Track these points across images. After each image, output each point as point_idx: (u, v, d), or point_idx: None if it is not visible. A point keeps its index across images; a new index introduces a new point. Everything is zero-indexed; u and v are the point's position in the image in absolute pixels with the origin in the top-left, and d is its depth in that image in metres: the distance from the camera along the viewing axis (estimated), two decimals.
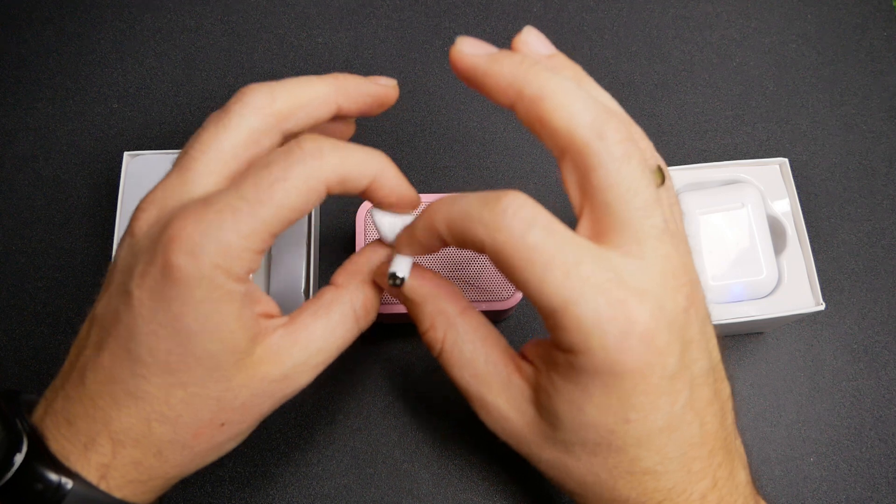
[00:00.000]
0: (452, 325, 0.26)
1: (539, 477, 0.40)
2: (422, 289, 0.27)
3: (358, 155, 0.25)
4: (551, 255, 0.21)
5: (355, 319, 0.27)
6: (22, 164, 0.46)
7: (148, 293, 0.23)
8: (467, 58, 0.25)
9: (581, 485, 0.25)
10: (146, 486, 0.25)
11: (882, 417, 0.42)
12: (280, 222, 0.23)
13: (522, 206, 0.22)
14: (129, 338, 0.23)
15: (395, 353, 0.42)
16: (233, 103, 0.25)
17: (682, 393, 0.23)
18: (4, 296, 0.43)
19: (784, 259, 0.39)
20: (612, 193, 0.23)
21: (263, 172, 0.23)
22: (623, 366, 0.22)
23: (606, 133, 0.22)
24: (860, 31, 0.52)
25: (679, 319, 0.23)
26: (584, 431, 0.24)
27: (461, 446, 0.40)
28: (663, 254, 0.23)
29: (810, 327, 0.44)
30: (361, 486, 0.39)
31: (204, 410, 0.24)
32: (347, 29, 0.51)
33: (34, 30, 0.50)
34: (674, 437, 0.24)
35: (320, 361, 0.26)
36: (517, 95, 0.23)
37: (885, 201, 0.47)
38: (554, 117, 0.23)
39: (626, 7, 0.52)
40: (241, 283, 0.23)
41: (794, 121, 0.49)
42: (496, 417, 0.26)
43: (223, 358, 0.24)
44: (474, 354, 0.26)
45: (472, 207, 0.23)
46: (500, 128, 0.48)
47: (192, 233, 0.22)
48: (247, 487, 0.39)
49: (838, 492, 0.40)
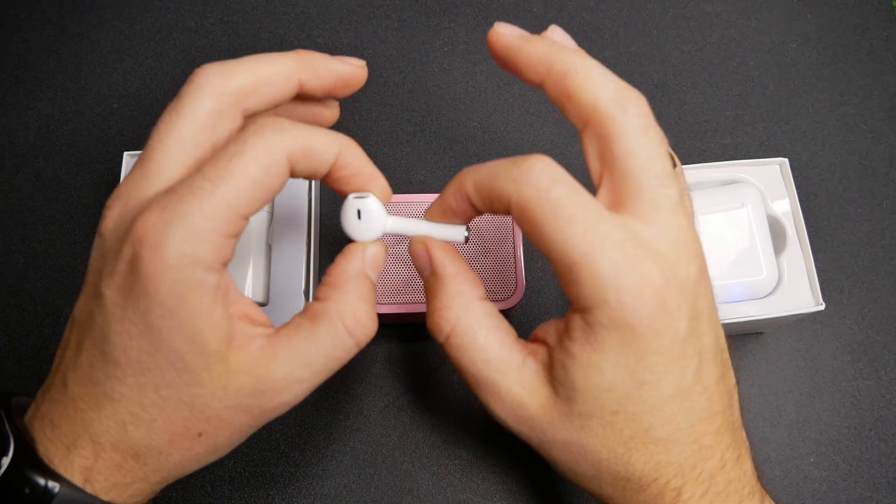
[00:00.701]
0: (469, 309, 0.26)
1: (539, 477, 0.40)
2: (451, 266, 0.27)
3: (319, 131, 0.24)
4: (573, 211, 0.23)
5: (347, 332, 0.25)
6: (22, 164, 0.46)
7: (117, 292, 0.23)
8: (503, 38, 0.26)
9: (596, 464, 0.25)
10: (132, 490, 0.25)
11: (882, 417, 0.42)
12: (246, 200, 0.22)
13: (548, 165, 0.23)
14: (102, 339, 0.23)
15: (395, 353, 0.42)
16: (186, 87, 0.25)
17: (692, 361, 0.24)
18: (4, 296, 0.43)
19: (784, 259, 0.39)
20: (632, 162, 0.24)
21: (221, 151, 0.23)
22: (638, 320, 0.23)
23: (628, 106, 0.24)
24: (860, 31, 0.52)
25: (691, 288, 0.24)
26: (602, 398, 0.24)
27: (461, 446, 0.40)
28: (677, 224, 0.24)
29: (810, 327, 0.44)
30: (361, 486, 0.39)
31: (176, 416, 0.24)
32: (347, 29, 0.51)
33: (34, 30, 0.50)
34: (684, 407, 0.24)
35: (304, 378, 0.25)
36: (546, 72, 0.25)
37: (885, 201, 0.47)
38: (580, 90, 0.24)
39: (626, 7, 0.52)
40: (210, 273, 0.23)
41: (794, 121, 0.49)
42: (509, 404, 0.26)
43: (192, 359, 0.23)
44: (488, 339, 0.26)
45: (500, 167, 0.24)
46: (500, 128, 0.48)
47: (156, 223, 0.22)
48: (247, 487, 0.39)
49: (838, 492, 0.40)
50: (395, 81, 0.49)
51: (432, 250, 0.27)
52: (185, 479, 0.39)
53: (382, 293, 0.39)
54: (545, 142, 0.48)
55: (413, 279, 0.39)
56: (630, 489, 0.25)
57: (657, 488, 0.25)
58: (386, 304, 0.39)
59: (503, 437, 0.41)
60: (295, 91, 0.26)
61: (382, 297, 0.39)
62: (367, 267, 0.26)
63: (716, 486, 0.25)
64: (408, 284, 0.39)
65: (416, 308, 0.39)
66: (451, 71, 0.50)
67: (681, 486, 0.25)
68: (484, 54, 0.50)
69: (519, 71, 0.26)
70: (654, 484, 0.25)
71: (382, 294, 0.39)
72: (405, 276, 0.39)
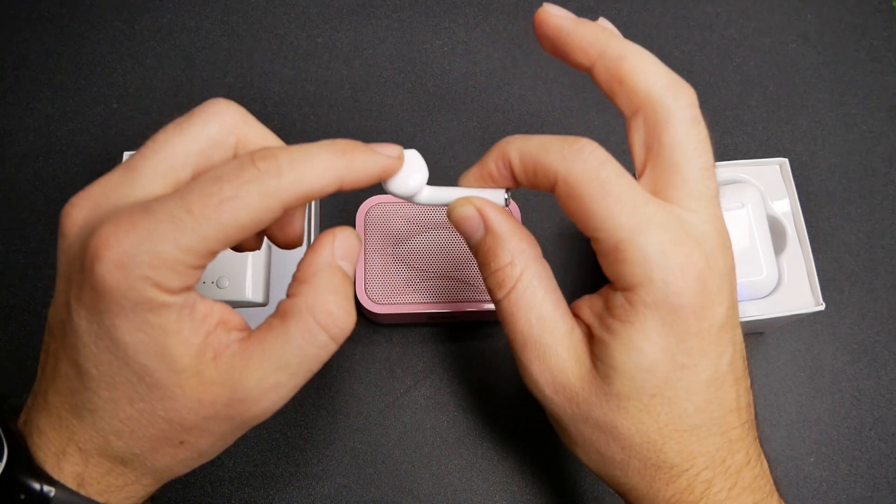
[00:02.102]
0: (532, 266, 0.26)
1: (539, 477, 0.40)
2: (509, 223, 0.26)
3: (318, 166, 0.22)
4: (622, 191, 0.23)
5: (319, 327, 0.23)
6: (22, 164, 0.46)
7: (84, 307, 0.22)
8: (554, 18, 0.26)
9: (626, 448, 0.25)
10: (126, 492, 0.25)
11: (882, 417, 0.42)
12: (224, 242, 0.21)
13: (598, 148, 0.24)
14: (75, 351, 0.22)
15: (396, 353, 0.42)
16: (200, 109, 0.24)
17: (727, 348, 0.25)
18: (4, 296, 0.43)
19: (784, 259, 0.39)
20: (680, 151, 0.24)
21: (213, 188, 0.21)
22: (681, 301, 0.23)
23: (680, 96, 0.24)
24: (860, 31, 0.52)
25: (729, 275, 0.25)
26: (641, 379, 0.24)
27: (461, 446, 0.40)
28: (716, 215, 0.25)
29: (810, 327, 0.44)
30: (361, 486, 0.39)
31: (154, 428, 0.23)
32: (347, 29, 0.51)
33: (34, 30, 0.50)
34: (718, 395, 0.25)
35: (281, 382, 0.23)
36: (599, 55, 0.25)
37: (885, 201, 0.47)
38: (634, 76, 0.24)
39: (626, 7, 0.52)
40: (176, 296, 0.22)
41: (794, 121, 0.49)
42: (552, 368, 0.25)
43: (165, 377, 0.22)
44: (546, 298, 0.26)
45: (552, 143, 0.24)
46: (500, 128, 0.48)
47: (124, 241, 0.21)
48: (247, 487, 0.39)
49: (838, 492, 0.40)
50: (395, 81, 0.49)
51: (486, 210, 0.26)
52: (184, 479, 0.39)
53: (383, 293, 0.39)
54: None
55: (413, 279, 0.39)
56: (660, 479, 0.25)
57: (687, 480, 0.25)
58: (386, 305, 0.39)
59: (503, 437, 0.41)
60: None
61: (383, 298, 0.39)
62: (339, 257, 0.25)
63: (742, 482, 0.25)
64: (408, 285, 0.39)
65: (416, 308, 0.39)
66: (451, 71, 0.50)
67: (711, 478, 0.25)
68: (484, 54, 0.50)
69: (569, 52, 0.26)
70: (685, 475, 0.25)
71: (383, 294, 0.39)
72: (405, 277, 0.39)
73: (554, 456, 0.40)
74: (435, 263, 0.40)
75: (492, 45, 0.50)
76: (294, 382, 0.24)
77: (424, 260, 0.40)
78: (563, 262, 0.44)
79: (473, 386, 0.42)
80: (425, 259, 0.40)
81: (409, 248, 0.40)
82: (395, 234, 0.40)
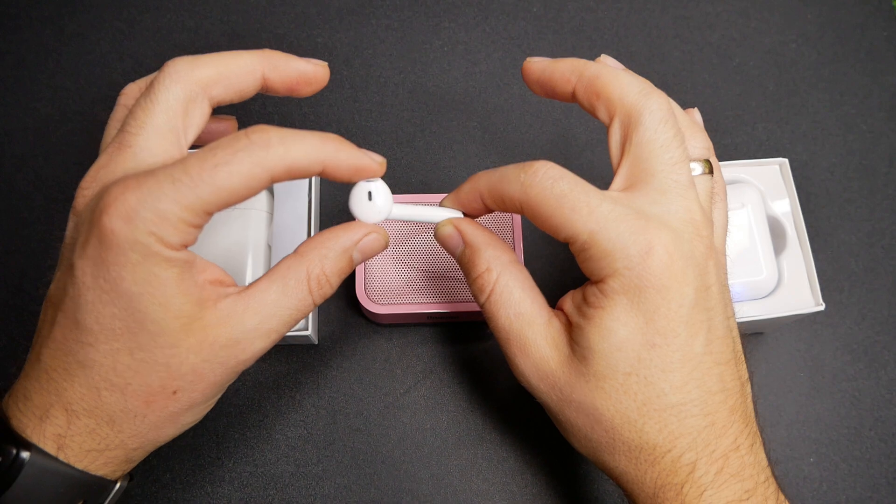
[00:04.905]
0: (507, 269, 0.29)
1: (538, 477, 0.40)
2: (483, 236, 0.30)
3: (305, 145, 0.25)
4: (576, 199, 0.25)
5: (309, 290, 0.27)
6: (22, 164, 0.46)
7: (89, 261, 0.23)
8: (536, 63, 0.30)
9: (610, 430, 0.26)
10: (106, 458, 0.25)
11: (882, 417, 0.42)
12: (218, 203, 0.24)
13: (551, 167, 0.26)
14: (75, 308, 0.24)
15: (395, 353, 0.42)
16: (157, 76, 0.26)
17: (700, 329, 0.26)
18: (4, 296, 0.43)
19: (784, 259, 0.39)
20: (647, 148, 0.26)
21: (208, 154, 0.24)
22: (646, 281, 0.25)
23: (651, 100, 0.27)
24: (860, 31, 0.52)
25: (697, 260, 0.26)
26: (615, 358, 0.26)
27: (461, 446, 0.40)
28: (685, 206, 0.26)
29: (810, 327, 0.44)
30: (361, 486, 0.39)
31: (152, 376, 0.24)
32: (347, 29, 0.51)
33: (34, 30, 0.50)
34: (695, 376, 0.26)
35: (273, 328, 0.26)
36: (578, 78, 0.28)
37: (885, 201, 0.47)
38: (608, 87, 0.28)
39: (626, 7, 0.52)
40: (177, 251, 0.24)
41: (794, 121, 0.49)
42: (534, 358, 0.28)
43: (167, 323, 0.24)
44: (522, 296, 0.28)
45: (510, 172, 0.27)
46: (500, 128, 0.48)
47: (129, 198, 0.23)
48: (247, 487, 0.39)
49: (838, 492, 0.40)
50: (395, 81, 0.49)
51: (462, 226, 0.30)
52: (185, 480, 0.39)
53: (383, 294, 0.39)
54: (545, 142, 0.48)
55: (413, 280, 0.39)
56: (644, 461, 0.26)
57: (671, 461, 0.26)
58: (386, 305, 0.39)
59: (503, 437, 0.41)
60: (259, 84, 0.28)
61: (383, 298, 0.39)
62: (358, 248, 0.28)
63: (730, 468, 0.26)
64: (408, 286, 0.39)
65: (416, 308, 0.39)
66: (451, 71, 0.50)
67: (694, 460, 0.25)
68: (484, 54, 0.50)
69: (554, 85, 0.29)
70: (668, 456, 0.26)
71: (383, 294, 0.39)
72: (406, 278, 0.39)
73: (554, 456, 0.40)
74: (435, 263, 0.40)
75: (492, 45, 0.50)
76: (282, 331, 0.27)
77: (424, 260, 0.40)
78: (562, 262, 0.44)
79: (473, 386, 0.42)
80: (425, 259, 0.40)
81: (409, 248, 0.40)
82: (395, 234, 0.40)
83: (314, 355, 0.42)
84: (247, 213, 0.39)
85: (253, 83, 0.28)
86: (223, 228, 0.39)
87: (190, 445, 0.40)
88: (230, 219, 0.39)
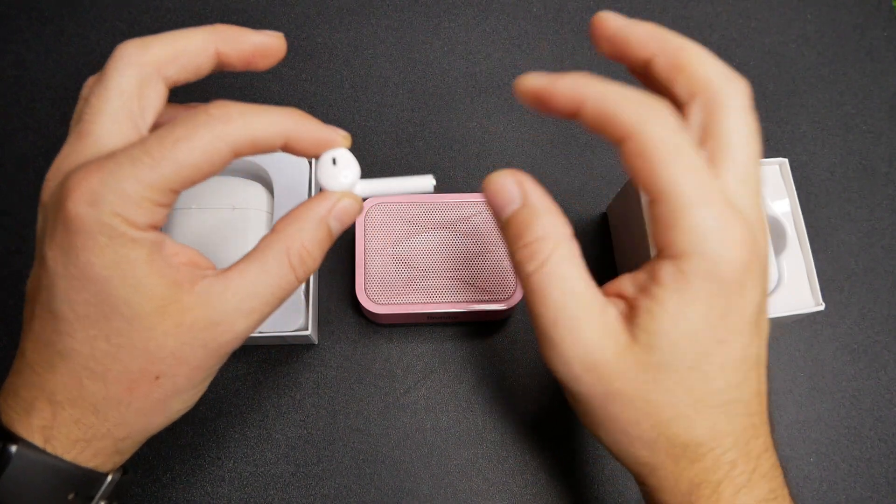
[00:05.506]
0: (567, 242, 0.25)
1: (538, 477, 0.40)
2: (547, 200, 0.26)
3: (266, 118, 0.25)
4: (693, 161, 0.23)
5: (290, 267, 0.26)
6: (22, 164, 0.46)
7: (58, 249, 0.23)
8: (612, 20, 0.28)
9: (657, 425, 0.25)
10: (94, 448, 0.25)
11: (882, 417, 0.42)
12: (181, 180, 0.23)
13: (676, 113, 0.24)
14: (49, 299, 0.24)
15: (395, 353, 0.42)
16: (109, 61, 0.26)
17: (759, 332, 0.25)
18: (4, 296, 0.43)
19: (784, 259, 0.39)
20: (736, 136, 0.25)
21: (168, 131, 0.23)
22: (729, 276, 0.23)
23: (736, 86, 0.25)
24: (860, 31, 0.52)
25: (764, 262, 0.25)
26: (683, 348, 0.24)
27: (461, 446, 0.40)
28: (758, 202, 0.26)
29: (810, 327, 0.44)
30: (361, 486, 0.39)
31: (131, 362, 0.24)
32: (347, 29, 0.51)
33: (34, 30, 0.50)
34: (748, 377, 0.25)
35: (255, 307, 0.25)
36: (659, 46, 0.26)
37: (885, 201, 0.47)
38: (694, 63, 0.26)
39: (625, 7, 0.52)
40: (144, 232, 0.23)
41: (794, 121, 0.49)
42: (584, 344, 0.25)
43: (140, 306, 0.23)
44: (579, 275, 0.25)
45: (631, 95, 0.24)
46: (500, 128, 0.48)
47: (91, 181, 0.23)
48: (247, 487, 0.39)
49: (838, 492, 0.40)
50: (395, 81, 0.49)
51: (527, 183, 0.26)
52: (185, 480, 0.39)
53: (383, 293, 0.39)
54: (545, 142, 0.48)
55: (413, 279, 0.39)
56: (686, 458, 0.25)
57: (713, 459, 0.25)
58: (386, 305, 0.39)
59: (503, 437, 0.41)
60: (213, 61, 0.27)
61: (383, 298, 0.39)
62: (333, 216, 0.27)
63: (761, 468, 0.26)
64: (408, 285, 0.39)
65: (416, 308, 0.39)
66: (451, 71, 0.50)
67: (735, 459, 0.25)
68: (484, 54, 0.50)
69: (629, 48, 0.27)
70: (711, 454, 0.25)
71: (383, 294, 0.39)
72: (406, 277, 0.39)
73: (554, 456, 0.40)
74: (435, 263, 0.40)
75: (492, 45, 0.50)
76: (265, 311, 0.26)
77: (424, 260, 0.40)
78: None
79: (473, 386, 0.42)
80: (425, 259, 0.40)
81: (409, 248, 0.40)
82: (395, 234, 0.40)
83: (314, 355, 0.42)
84: (247, 213, 0.39)
85: (207, 60, 0.27)
86: (223, 228, 0.39)
87: (190, 445, 0.40)
88: (230, 219, 0.39)
